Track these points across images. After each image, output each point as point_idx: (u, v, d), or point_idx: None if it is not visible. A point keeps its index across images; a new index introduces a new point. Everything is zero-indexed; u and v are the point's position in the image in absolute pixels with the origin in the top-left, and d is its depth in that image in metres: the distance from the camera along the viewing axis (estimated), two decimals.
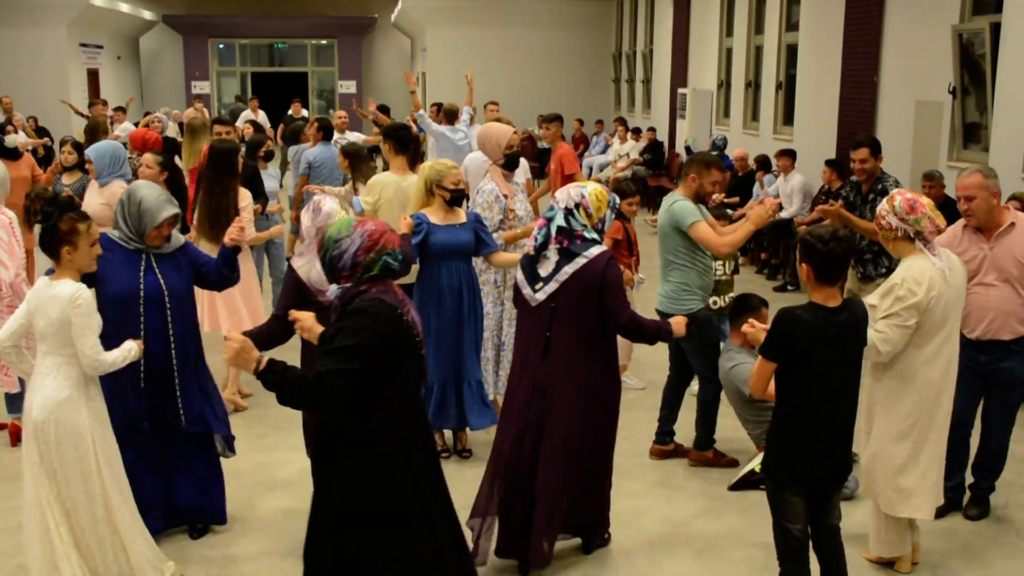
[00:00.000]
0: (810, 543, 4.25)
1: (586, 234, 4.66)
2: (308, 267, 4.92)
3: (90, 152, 7.45)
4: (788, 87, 14.37)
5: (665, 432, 6.32)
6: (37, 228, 4.81)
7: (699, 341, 5.91)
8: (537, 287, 4.68)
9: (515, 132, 6.79)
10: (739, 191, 12.86)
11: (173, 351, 4.98)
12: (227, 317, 7.10)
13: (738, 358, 5.96)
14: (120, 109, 18.66)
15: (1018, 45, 8.83)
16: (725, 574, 4.90)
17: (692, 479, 6.04)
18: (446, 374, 6.04)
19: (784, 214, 11.80)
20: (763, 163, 12.81)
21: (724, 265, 7.13)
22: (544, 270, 4.68)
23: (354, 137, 12.84)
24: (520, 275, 4.80)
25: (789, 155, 12.01)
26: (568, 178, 8.89)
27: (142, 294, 4.86)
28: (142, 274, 4.89)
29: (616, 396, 4.85)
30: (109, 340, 4.50)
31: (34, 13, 23.69)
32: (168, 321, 4.94)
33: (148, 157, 7.23)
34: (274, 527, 5.40)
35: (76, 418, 4.33)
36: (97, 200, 7.16)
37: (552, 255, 4.66)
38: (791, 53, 14.21)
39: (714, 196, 6.39)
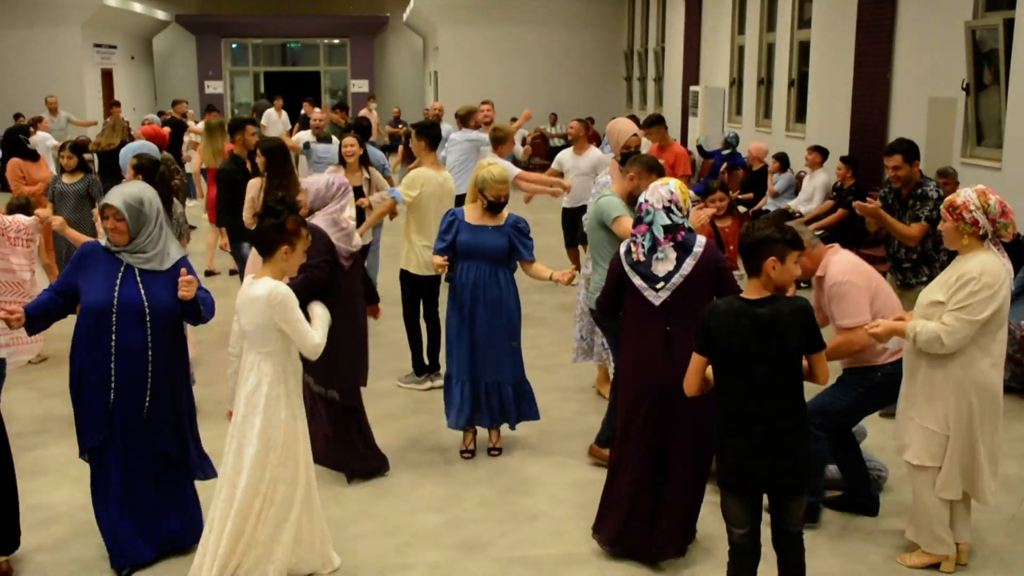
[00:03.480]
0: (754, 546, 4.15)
1: (686, 225, 4.79)
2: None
3: (123, 153, 7.82)
4: (800, 84, 14.35)
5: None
6: None
7: (616, 339, 5.66)
8: (659, 287, 4.72)
9: (635, 134, 6.87)
10: (753, 186, 12.86)
11: (150, 370, 4.63)
12: None
13: None
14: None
15: None
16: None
17: None
18: (461, 371, 6.09)
19: (802, 208, 11.79)
20: (781, 159, 12.78)
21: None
22: (662, 269, 4.72)
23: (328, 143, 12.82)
24: (637, 280, 4.78)
25: (820, 152, 11.93)
26: (683, 180, 8.94)
27: (115, 306, 4.56)
28: (118, 286, 4.59)
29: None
30: (80, 352, 4.59)
31: (49, 13, 23.79)
32: (148, 337, 4.60)
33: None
34: None
35: (275, 412, 4.48)
36: None
37: (669, 253, 4.72)
38: (803, 50, 14.19)
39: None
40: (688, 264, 4.70)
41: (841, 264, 5.04)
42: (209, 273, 11.09)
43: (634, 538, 4.84)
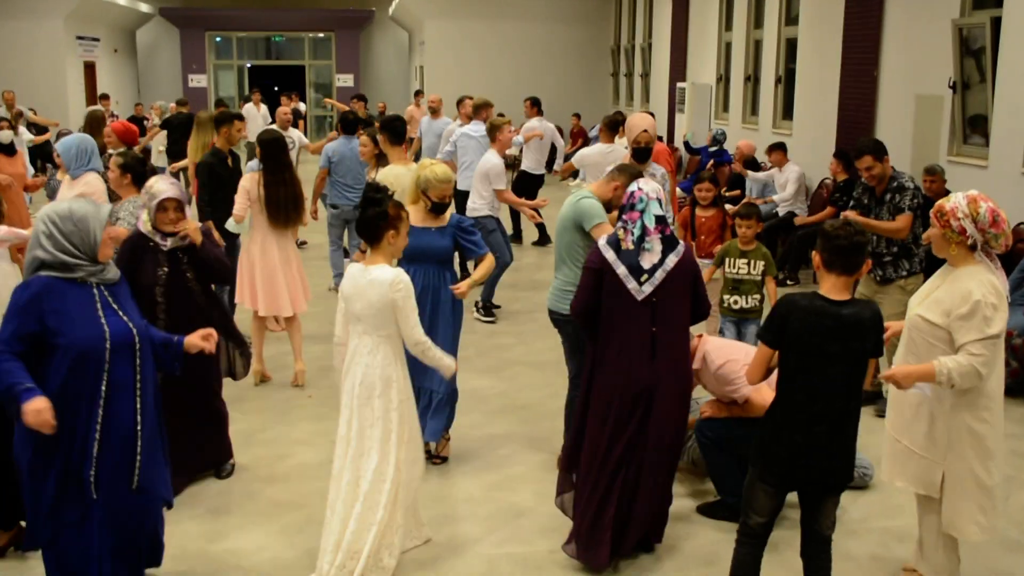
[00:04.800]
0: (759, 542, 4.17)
1: (671, 223, 4.79)
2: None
3: (58, 146, 7.51)
4: (788, 81, 14.36)
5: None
6: None
7: (575, 343, 5.60)
8: (643, 279, 4.67)
9: (645, 130, 6.89)
10: (740, 184, 12.86)
11: (139, 409, 4.06)
12: (267, 295, 7.39)
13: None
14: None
15: (1018, 39, 8.82)
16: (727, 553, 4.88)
17: None
18: (417, 380, 5.50)
19: (777, 199, 11.82)
20: (750, 164, 12.84)
21: (749, 264, 6.93)
22: (648, 261, 4.67)
23: (296, 135, 12.81)
24: (621, 269, 4.70)
25: (780, 148, 12.04)
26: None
27: (108, 343, 3.94)
28: (103, 317, 3.98)
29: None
30: (58, 401, 3.78)
31: (31, 5, 23.63)
32: (137, 372, 4.05)
33: (112, 160, 6.99)
34: (274, 520, 5.38)
35: (387, 395, 4.61)
36: (69, 193, 7.04)
37: (655, 245, 4.68)
38: (791, 47, 14.20)
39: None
40: (671, 260, 4.67)
41: (718, 351, 5.38)
42: None
43: (602, 547, 4.76)
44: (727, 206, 12.37)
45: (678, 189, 14.43)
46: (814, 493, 4.05)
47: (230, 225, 7.52)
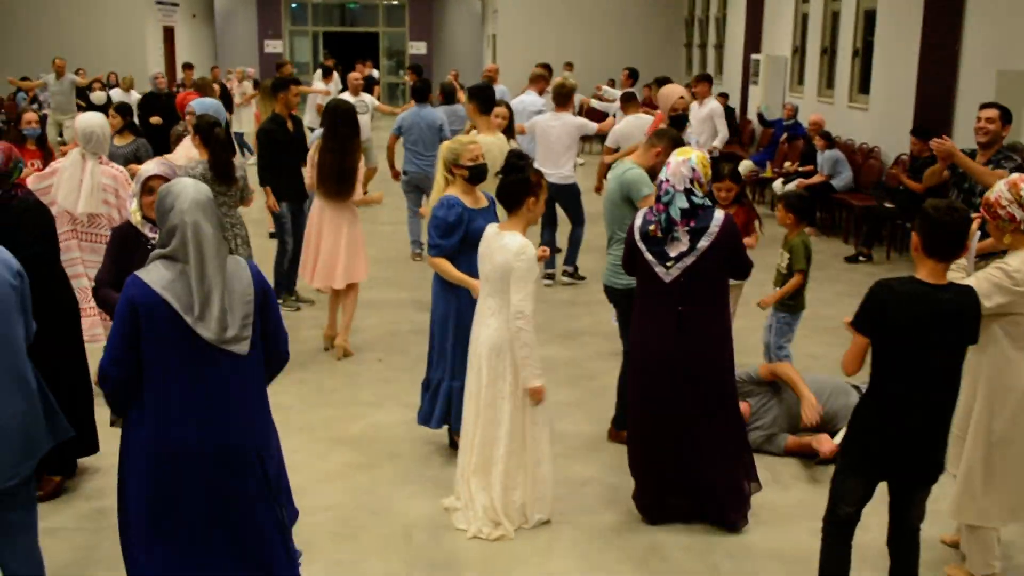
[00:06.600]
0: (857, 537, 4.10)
1: (705, 203, 4.71)
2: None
3: (195, 104, 7.96)
4: (865, 54, 14.08)
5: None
6: None
7: (629, 317, 5.38)
8: (669, 264, 4.70)
9: (682, 96, 6.97)
10: (812, 159, 12.69)
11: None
12: (340, 270, 7.42)
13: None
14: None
15: None
16: (790, 545, 4.90)
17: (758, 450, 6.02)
18: (459, 371, 5.37)
19: (696, 139, 11.06)
20: (826, 136, 12.53)
21: (780, 256, 6.49)
22: (675, 250, 4.67)
23: (368, 99, 13.00)
24: (648, 255, 4.75)
25: (705, 80, 11.58)
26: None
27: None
28: None
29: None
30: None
31: None
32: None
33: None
34: (343, 481, 5.51)
35: (508, 356, 4.72)
36: (188, 151, 7.42)
37: (683, 237, 4.66)
38: (869, 19, 13.91)
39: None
40: (702, 245, 4.64)
41: None
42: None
43: (669, 507, 4.98)
44: (798, 180, 12.27)
45: (750, 161, 14.32)
46: (907, 484, 3.96)
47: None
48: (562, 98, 9.65)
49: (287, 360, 3.76)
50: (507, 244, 4.65)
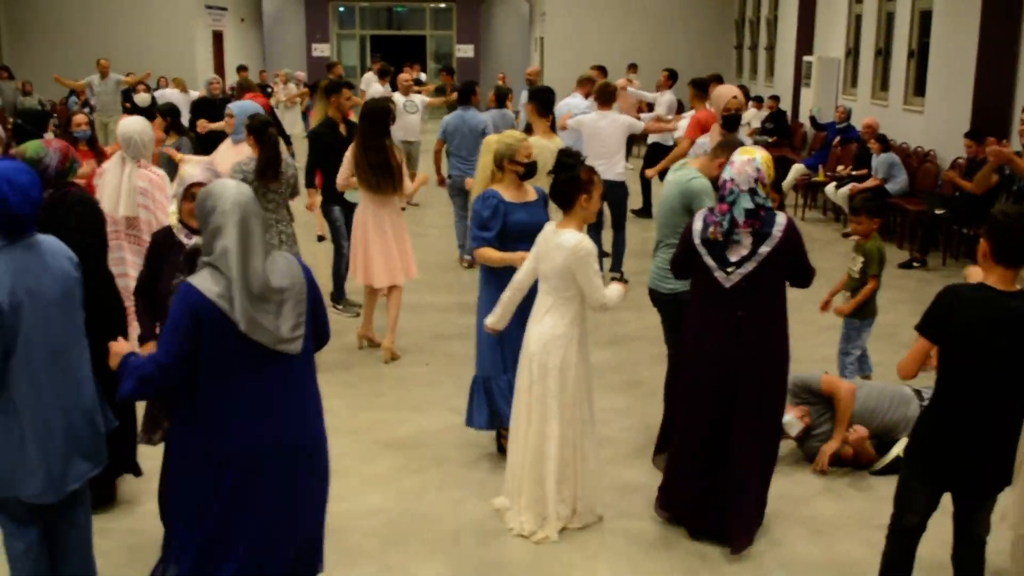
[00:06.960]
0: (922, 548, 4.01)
1: (767, 204, 4.60)
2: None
3: (233, 106, 7.90)
4: (921, 56, 13.84)
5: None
6: None
7: (674, 322, 5.43)
8: (730, 270, 4.60)
9: (735, 96, 6.87)
10: (866, 162, 12.48)
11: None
12: (383, 268, 7.47)
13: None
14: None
15: None
16: (842, 555, 4.79)
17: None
18: (509, 367, 5.38)
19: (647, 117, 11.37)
20: (880, 140, 12.34)
21: (852, 261, 6.40)
22: (736, 254, 4.57)
23: (419, 99, 13.07)
24: (708, 259, 4.65)
25: (670, 74, 12.54)
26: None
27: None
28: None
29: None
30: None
31: None
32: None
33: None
34: (391, 486, 5.47)
35: (564, 353, 4.76)
36: (231, 157, 7.31)
37: (744, 239, 4.56)
38: (925, 19, 13.67)
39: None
40: (763, 251, 4.53)
41: None
42: (321, 238, 11.10)
43: (701, 518, 4.87)
44: (851, 185, 12.08)
45: (802, 165, 14.13)
46: (971, 495, 3.85)
47: (348, 195, 7.75)
48: (606, 96, 9.56)
49: (328, 338, 3.80)
50: (563, 242, 4.67)
